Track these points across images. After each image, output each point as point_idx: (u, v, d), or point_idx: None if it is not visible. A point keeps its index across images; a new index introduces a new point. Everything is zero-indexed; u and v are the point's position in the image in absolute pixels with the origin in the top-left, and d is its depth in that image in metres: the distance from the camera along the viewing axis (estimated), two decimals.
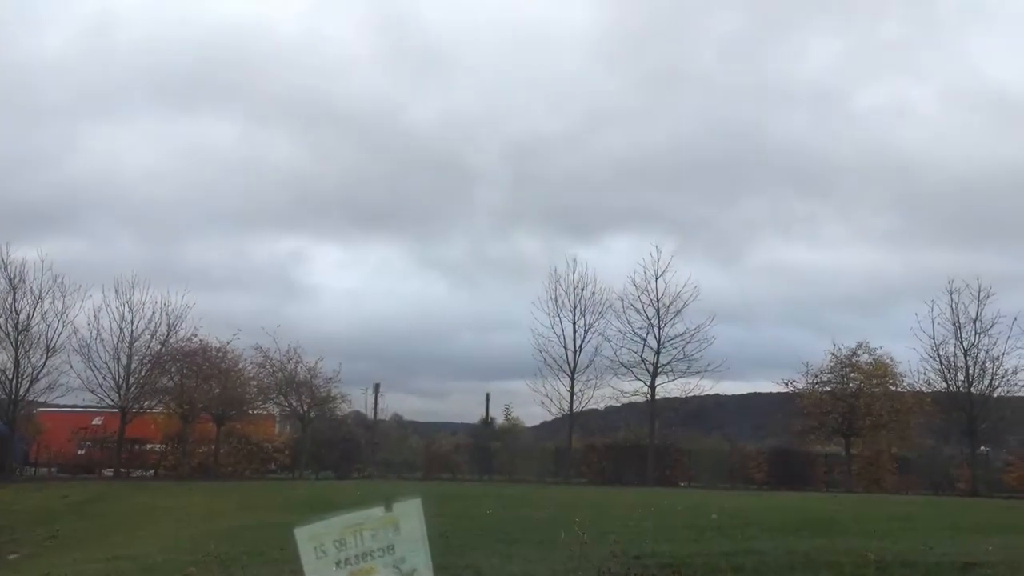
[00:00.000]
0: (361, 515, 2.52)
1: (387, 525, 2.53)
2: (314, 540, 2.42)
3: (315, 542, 2.42)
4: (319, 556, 2.41)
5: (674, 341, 41.13)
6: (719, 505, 20.49)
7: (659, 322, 41.28)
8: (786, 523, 16.28)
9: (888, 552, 12.03)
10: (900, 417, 40.89)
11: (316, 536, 2.41)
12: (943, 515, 19.50)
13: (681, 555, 11.69)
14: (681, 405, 44.67)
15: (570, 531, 13.37)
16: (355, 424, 48.69)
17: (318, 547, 2.41)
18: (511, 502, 21.83)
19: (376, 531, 2.50)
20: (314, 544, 2.41)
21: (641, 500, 22.57)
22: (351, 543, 2.50)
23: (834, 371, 42.39)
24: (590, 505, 20.45)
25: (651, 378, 41.14)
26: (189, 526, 19.07)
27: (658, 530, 14.79)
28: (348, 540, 2.50)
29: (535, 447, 46.82)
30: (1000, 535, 15.16)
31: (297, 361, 41.16)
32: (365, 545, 2.50)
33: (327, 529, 2.40)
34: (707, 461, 44.13)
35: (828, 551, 12.27)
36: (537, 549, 12.17)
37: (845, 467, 41.36)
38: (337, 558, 2.43)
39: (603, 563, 10.40)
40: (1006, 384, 39.98)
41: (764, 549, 12.35)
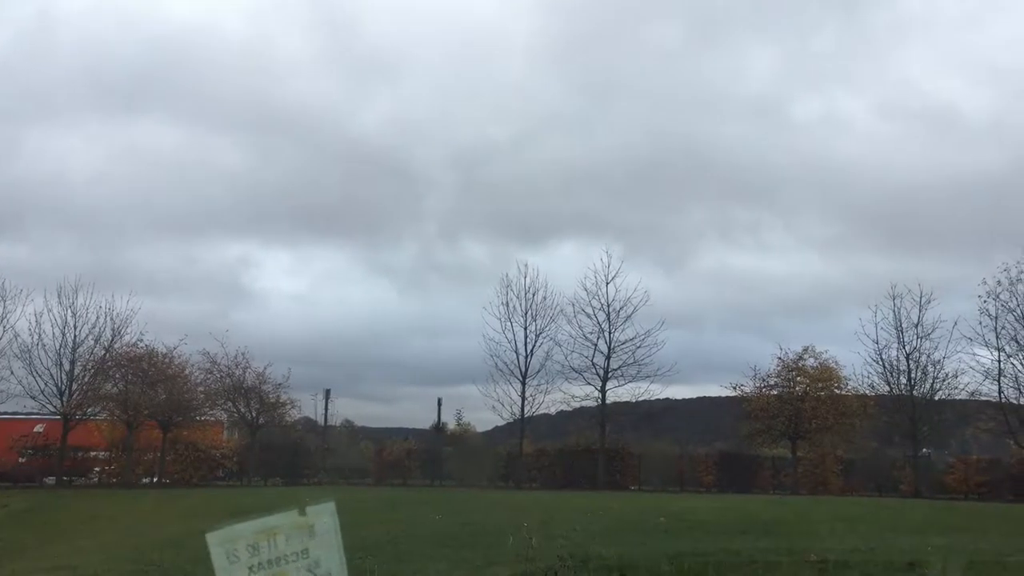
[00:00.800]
0: (275, 519, 2.49)
1: (301, 529, 2.51)
2: (226, 544, 2.38)
3: (227, 547, 2.39)
4: (232, 561, 2.38)
5: (624, 346, 41.50)
6: (667, 508, 20.67)
7: (609, 327, 41.64)
8: (732, 525, 16.49)
9: (830, 552, 12.24)
10: (845, 420, 41.63)
11: (228, 540, 2.38)
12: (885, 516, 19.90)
13: (628, 558, 11.77)
14: (631, 409, 44.94)
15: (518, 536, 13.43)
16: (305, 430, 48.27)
17: (230, 552, 2.38)
18: (461, 507, 21.78)
19: (290, 535, 2.48)
20: (226, 549, 2.38)
21: (590, 504, 22.68)
22: (264, 548, 2.47)
23: (781, 375, 43.03)
24: (540, 509, 20.48)
25: (602, 383, 41.43)
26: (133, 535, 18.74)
27: (606, 534, 14.87)
28: (261, 544, 2.47)
29: (487, 452, 46.76)
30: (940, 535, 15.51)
31: (245, 367, 40.71)
32: (279, 550, 2.48)
33: (239, 533, 2.37)
34: (657, 465, 44.47)
35: (772, 552, 12.46)
36: (485, 554, 12.17)
37: (791, 470, 41.99)
38: (250, 563, 2.41)
39: (550, 567, 10.44)
40: (947, 387, 40.97)
41: (709, 551, 12.49)
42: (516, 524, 15.50)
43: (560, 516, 18.42)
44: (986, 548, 13.55)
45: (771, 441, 43.56)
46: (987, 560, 12.26)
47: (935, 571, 11.05)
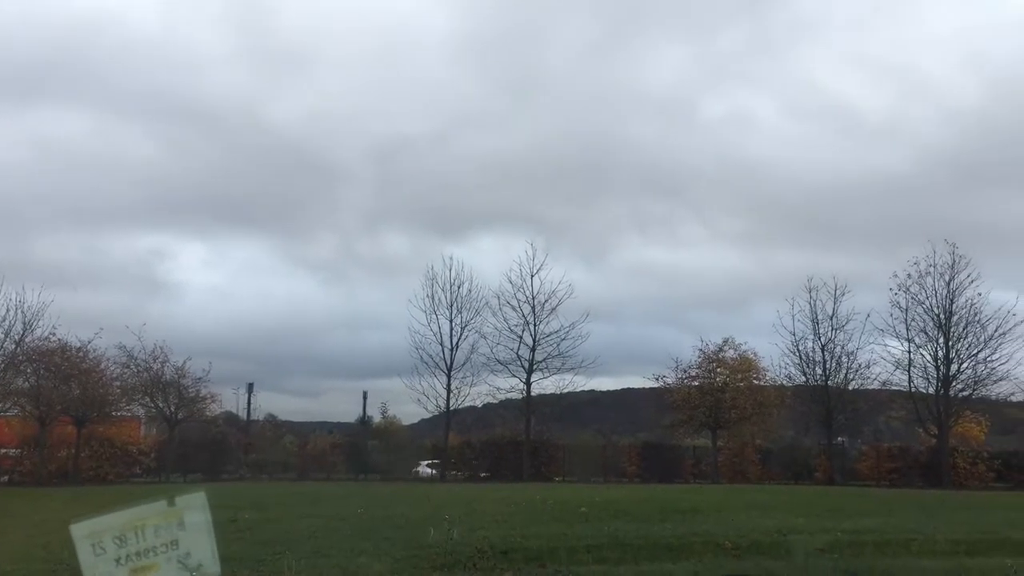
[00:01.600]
0: (142, 510, 2.45)
1: (170, 520, 2.47)
2: (92, 537, 2.33)
3: (93, 539, 2.33)
4: (97, 553, 2.33)
5: (549, 338, 41.82)
6: (590, 498, 20.94)
7: (535, 319, 41.87)
8: (652, 514, 16.76)
9: (744, 539, 12.57)
10: (763, 410, 42.72)
11: (94, 532, 2.33)
12: (798, 503, 20.48)
13: (548, 548, 11.86)
14: (557, 401, 45.29)
15: (441, 528, 13.44)
16: (226, 425, 47.39)
17: (96, 544, 2.33)
18: (385, 501, 21.70)
19: (159, 526, 2.44)
20: (92, 541, 2.33)
21: (514, 495, 22.81)
22: (132, 539, 2.43)
23: (702, 366, 43.91)
24: (463, 502, 20.52)
25: (527, 375, 41.69)
26: (44, 534, 18.09)
27: (528, 524, 14.98)
28: (129, 536, 2.43)
29: (412, 445, 46.61)
30: (850, 520, 16.03)
31: (164, 361, 39.87)
32: (147, 541, 2.44)
33: (106, 525, 2.32)
34: (581, 456, 44.83)
35: (689, 538, 12.74)
36: (407, 547, 12.12)
37: (712, 459, 42.84)
38: (117, 555, 2.36)
39: (471, 559, 10.47)
40: (860, 377, 42.40)
41: (628, 540, 12.69)
42: (439, 516, 15.56)
43: (483, 508, 18.48)
44: (890, 532, 14.06)
45: (693, 431, 44.43)
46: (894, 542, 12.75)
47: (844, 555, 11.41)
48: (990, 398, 41.79)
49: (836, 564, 10.83)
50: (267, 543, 12.57)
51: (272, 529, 14.69)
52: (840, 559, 11.17)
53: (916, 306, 40.17)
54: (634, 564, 10.70)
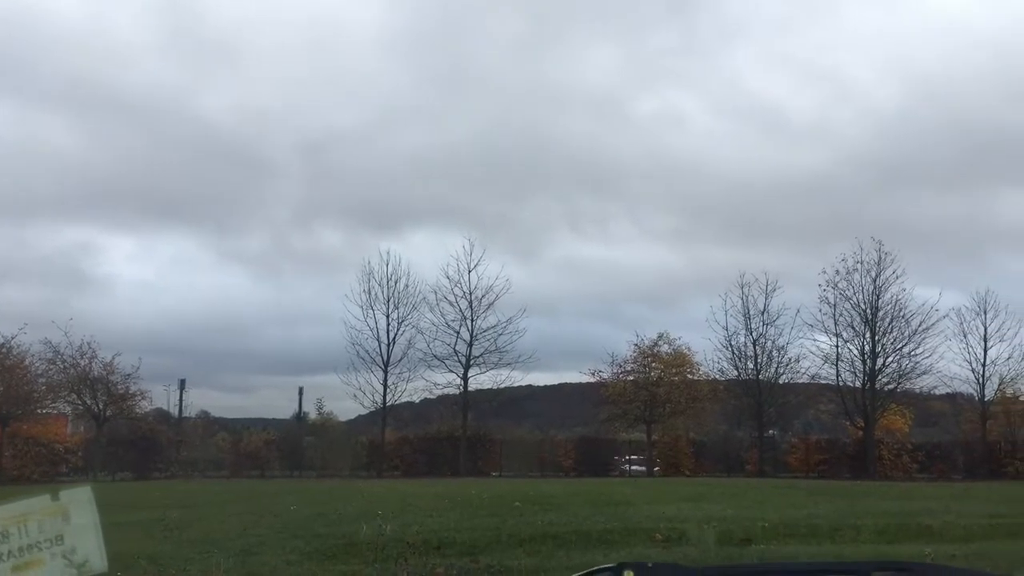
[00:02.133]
0: (25, 504, 2.41)
1: (55, 515, 2.43)
2: None
3: None
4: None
5: (486, 333, 41.92)
6: (524, 493, 21.05)
7: (472, 314, 41.92)
8: (585, 507, 16.93)
9: (675, 531, 12.79)
10: (696, 404, 43.44)
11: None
12: (729, 495, 20.87)
13: (481, 543, 11.93)
14: (494, 396, 45.40)
15: (374, 525, 13.40)
16: (157, 422, 46.42)
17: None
18: (318, 497, 21.52)
19: (43, 521, 2.41)
20: None
21: (450, 491, 22.82)
22: (15, 534, 2.39)
23: (637, 361, 44.44)
24: (398, 498, 20.47)
25: (464, 370, 41.72)
26: None
27: (462, 519, 15.01)
28: (11, 531, 2.39)
29: (348, 441, 46.28)
30: (777, 511, 16.41)
31: (92, 357, 38.89)
32: (31, 536, 2.40)
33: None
34: (518, 450, 45.09)
35: (620, 530, 12.92)
36: (338, 544, 12.07)
37: (647, 453, 43.39)
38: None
39: (402, 554, 10.46)
40: (790, 371, 43.46)
41: (561, 532, 12.80)
42: (372, 512, 15.51)
43: (418, 503, 18.47)
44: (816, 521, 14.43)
45: (628, 425, 44.91)
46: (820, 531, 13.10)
47: (769, 548, 11.69)
48: (914, 391, 43.10)
49: (762, 554, 11.10)
50: (195, 542, 12.42)
51: (201, 528, 14.49)
52: (766, 548, 11.45)
53: (844, 302, 41.31)
54: (565, 557, 10.81)
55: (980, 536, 13.07)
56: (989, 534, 13.47)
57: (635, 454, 44.54)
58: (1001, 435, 41.72)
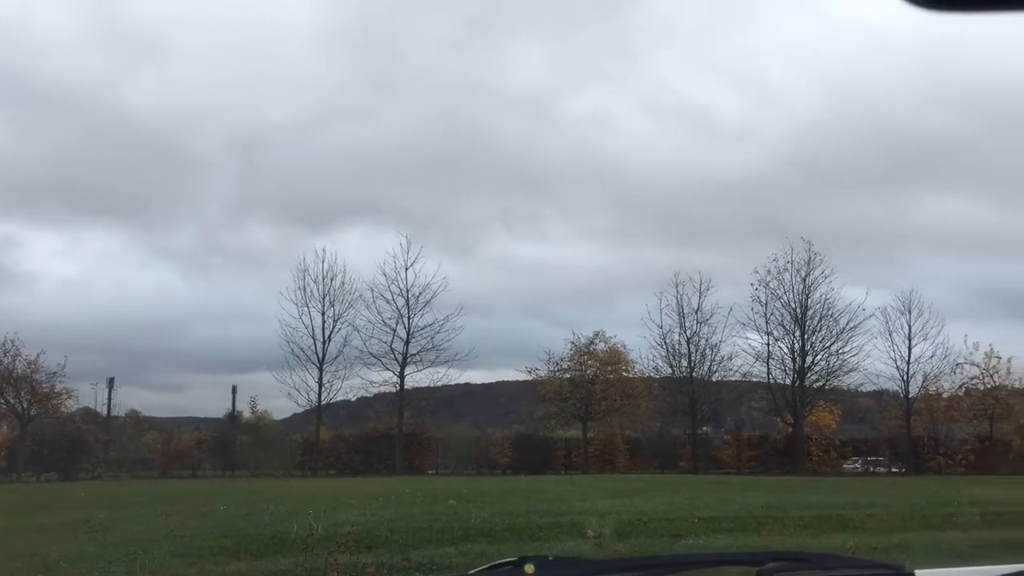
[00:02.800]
0: None
1: None
2: None
3: None
4: None
5: (423, 331, 41.79)
6: (459, 490, 21.04)
7: (409, 312, 41.74)
8: (518, 504, 16.98)
9: (605, 526, 12.91)
10: (631, 401, 43.94)
11: None
12: (661, 491, 21.13)
13: (414, 540, 11.89)
14: (431, 394, 45.32)
15: (305, 524, 13.26)
16: (84, 421, 45.26)
17: None
18: (250, 497, 21.20)
19: None
20: None
21: (384, 489, 22.69)
22: None
23: (573, 359, 44.76)
24: (332, 497, 20.27)
25: (400, 368, 41.54)
26: None
27: (395, 518, 14.92)
28: None
29: (282, 440, 45.72)
30: (706, 507, 16.68)
31: (15, 355, 37.89)
32: None
33: None
34: (455, 449, 45.08)
35: (552, 527, 12.99)
36: (267, 544, 11.91)
37: (582, 450, 43.72)
38: None
39: (332, 554, 10.36)
40: (723, 369, 44.23)
41: (494, 530, 12.85)
42: (304, 512, 15.34)
43: (351, 502, 18.32)
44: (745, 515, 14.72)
45: (564, 423, 45.22)
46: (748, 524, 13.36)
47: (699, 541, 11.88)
48: (842, 388, 44.30)
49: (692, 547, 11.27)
50: (121, 543, 12.13)
51: (127, 529, 14.16)
52: (695, 542, 11.64)
53: (775, 301, 42.23)
54: (497, 553, 10.82)
55: (901, 528, 13.48)
56: (909, 526, 13.89)
57: (872, 454, 44.18)
58: (924, 431, 42.96)
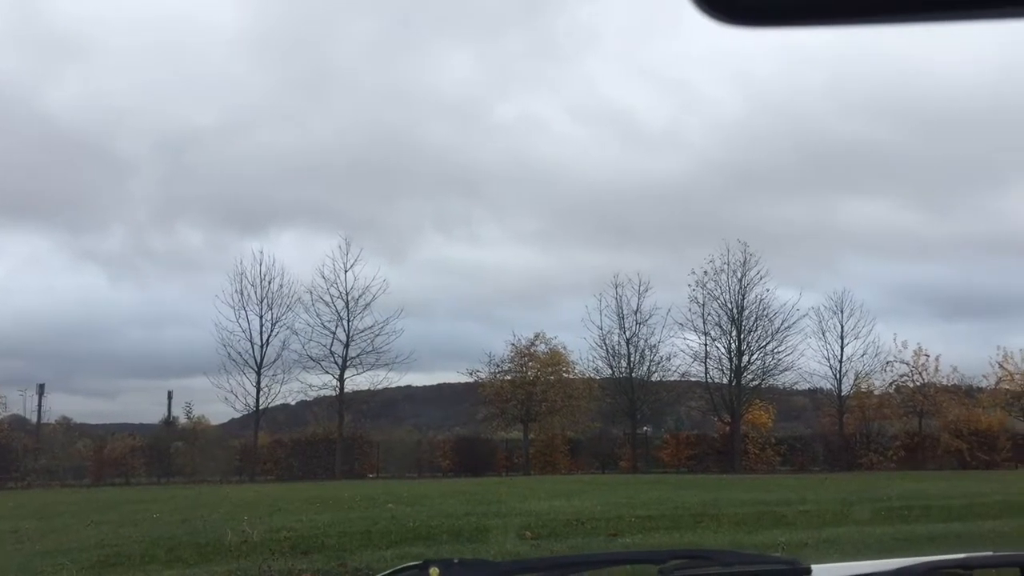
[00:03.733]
0: None
1: None
2: None
3: None
4: None
5: (363, 334, 41.51)
6: (399, 494, 20.98)
7: (348, 315, 41.44)
8: (457, 507, 16.98)
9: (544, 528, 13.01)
10: (572, 402, 44.18)
11: None
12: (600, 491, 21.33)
13: (351, 545, 11.84)
14: (372, 397, 45.00)
15: (240, 530, 13.10)
16: (13, 429, 43.98)
17: None
18: (185, 504, 20.84)
19: None
20: None
21: (323, 494, 22.52)
22: None
23: (514, 361, 44.88)
24: (269, 502, 20.04)
25: (340, 371, 41.22)
26: None
27: (333, 523, 14.81)
28: None
29: (219, 445, 44.97)
30: (644, 506, 16.88)
31: None
32: None
33: None
34: (396, 452, 44.88)
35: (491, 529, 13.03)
36: (201, 552, 11.74)
37: (523, 452, 43.86)
38: None
39: (266, 561, 10.27)
40: (661, 369, 44.79)
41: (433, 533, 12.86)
42: (240, 518, 15.15)
43: (289, 507, 18.14)
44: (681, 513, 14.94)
45: (505, 424, 45.32)
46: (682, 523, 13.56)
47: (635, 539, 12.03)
48: (777, 387, 45.17)
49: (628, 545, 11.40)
50: (48, 553, 11.84)
51: (56, 539, 13.81)
52: (632, 541, 11.78)
53: (712, 301, 42.88)
54: (435, 556, 10.82)
55: (831, 523, 13.81)
56: (840, 521, 14.25)
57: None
58: (856, 428, 44.03)
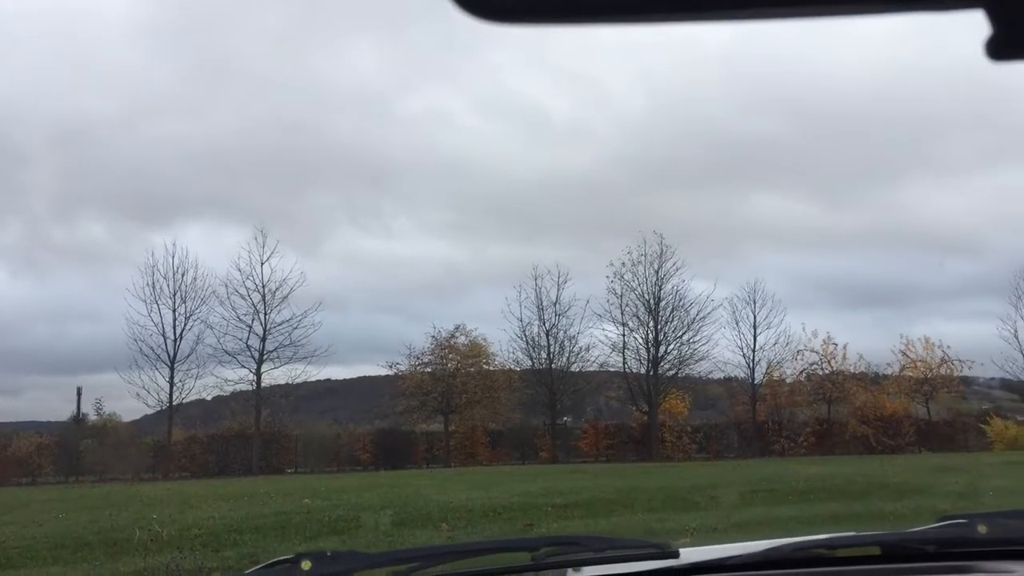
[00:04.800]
0: None
1: None
2: None
3: None
4: None
5: (280, 327, 40.96)
6: (316, 489, 20.80)
7: (265, 308, 40.80)
8: (375, 501, 16.94)
9: (460, 520, 13.06)
10: (492, 394, 44.41)
11: None
12: (518, 481, 21.49)
13: (264, 543, 11.69)
14: (292, 391, 44.46)
15: (150, 529, 12.83)
16: None
17: None
18: (93, 504, 20.28)
19: None
20: None
21: (239, 490, 22.18)
22: None
23: (434, 353, 44.86)
24: (181, 500, 19.64)
25: (257, 365, 40.58)
26: None
27: (246, 519, 14.61)
28: None
29: (132, 443, 43.84)
30: (560, 496, 17.06)
31: None
32: None
33: None
34: (315, 446, 44.49)
35: (408, 524, 13.02)
36: (109, 552, 11.46)
37: (444, 443, 43.88)
38: None
39: (173, 559, 10.08)
40: (581, 360, 45.29)
41: (346, 528, 12.79)
42: (150, 517, 14.82)
43: (202, 504, 17.82)
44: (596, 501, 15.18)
45: (426, 417, 45.28)
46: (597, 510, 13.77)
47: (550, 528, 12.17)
48: (693, 376, 46.13)
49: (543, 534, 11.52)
50: None
51: None
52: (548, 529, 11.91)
53: (629, 292, 43.53)
54: None
55: (741, 507, 14.21)
56: (749, 504, 14.67)
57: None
58: (769, 415, 45.24)
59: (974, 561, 1.84)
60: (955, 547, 1.89)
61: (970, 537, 1.85)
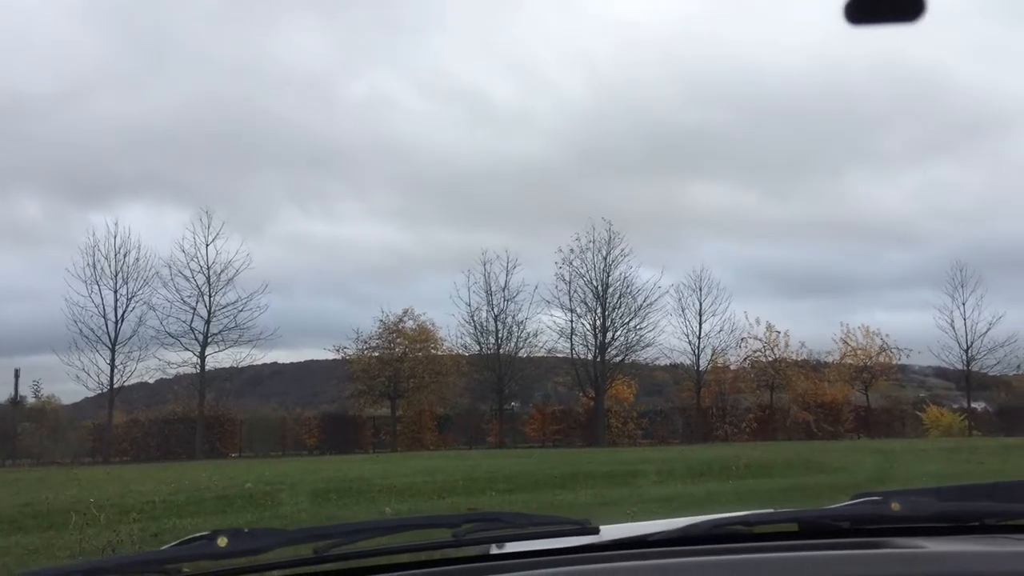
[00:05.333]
0: None
1: None
2: None
3: None
4: None
5: (225, 310, 40.41)
6: (260, 474, 20.62)
7: (210, 290, 40.21)
8: (318, 487, 16.82)
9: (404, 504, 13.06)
10: (440, 378, 44.40)
11: None
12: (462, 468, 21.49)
13: (204, 528, 11.53)
14: (237, 375, 43.92)
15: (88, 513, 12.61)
16: None
17: None
18: (29, 487, 19.86)
19: None
20: None
21: (180, 475, 21.90)
22: None
23: (383, 337, 44.66)
24: (120, 483, 19.35)
25: (201, 348, 39.96)
26: None
27: (187, 504, 14.45)
28: None
29: (71, 426, 43.04)
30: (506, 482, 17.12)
31: None
32: None
33: None
34: (261, 430, 44.11)
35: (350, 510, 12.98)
36: (44, 536, 11.26)
37: (391, 428, 43.78)
38: None
39: (110, 543, 9.92)
40: (529, 345, 45.49)
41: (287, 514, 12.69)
42: (87, 502, 14.55)
43: (142, 489, 17.54)
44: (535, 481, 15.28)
45: (373, 401, 45.13)
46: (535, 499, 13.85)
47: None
48: (639, 362, 46.57)
49: None
50: None
51: None
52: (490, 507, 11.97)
53: (578, 279, 43.74)
54: None
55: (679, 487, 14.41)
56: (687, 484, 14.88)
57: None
58: (713, 401, 45.94)
59: (887, 537, 1.88)
60: (869, 523, 1.94)
61: (883, 514, 1.90)
